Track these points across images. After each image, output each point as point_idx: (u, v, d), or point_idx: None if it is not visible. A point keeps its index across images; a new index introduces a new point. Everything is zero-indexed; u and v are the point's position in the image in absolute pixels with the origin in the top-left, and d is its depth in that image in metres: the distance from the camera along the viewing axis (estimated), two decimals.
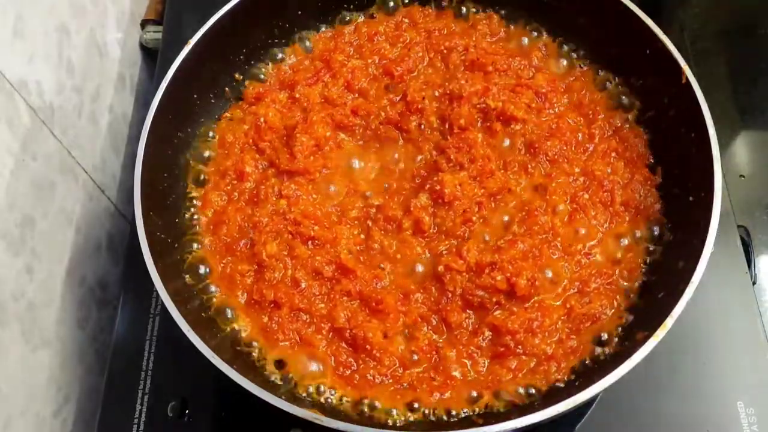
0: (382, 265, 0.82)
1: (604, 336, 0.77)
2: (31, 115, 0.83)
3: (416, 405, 0.75)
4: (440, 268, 0.80)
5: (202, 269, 0.84)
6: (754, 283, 0.89)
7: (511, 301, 0.78)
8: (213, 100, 0.95)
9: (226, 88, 0.96)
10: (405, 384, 0.76)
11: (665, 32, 0.83)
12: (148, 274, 0.74)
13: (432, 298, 0.80)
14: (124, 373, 0.87)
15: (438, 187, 0.83)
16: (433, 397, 0.75)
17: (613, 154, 0.87)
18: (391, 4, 1.01)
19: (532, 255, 0.80)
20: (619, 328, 0.78)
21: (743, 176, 1.00)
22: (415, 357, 0.77)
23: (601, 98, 0.92)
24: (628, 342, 0.75)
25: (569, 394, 0.66)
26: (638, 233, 0.83)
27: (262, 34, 0.97)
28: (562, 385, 0.75)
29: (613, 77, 0.92)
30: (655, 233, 0.83)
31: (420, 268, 0.82)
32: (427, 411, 0.75)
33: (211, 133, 0.93)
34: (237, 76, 0.97)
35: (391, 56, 0.95)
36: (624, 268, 0.81)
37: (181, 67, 0.86)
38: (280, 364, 0.78)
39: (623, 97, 0.91)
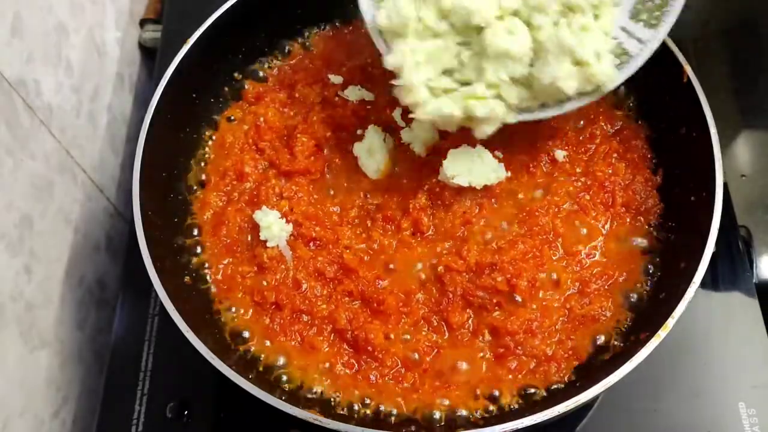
0: (391, 265, 0.82)
1: (605, 337, 0.77)
2: (30, 114, 0.83)
3: (417, 406, 0.75)
4: (440, 268, 0.80)
5: (201, 270, 0.84)
6: (755, 284, 0.89)
7: (511, 302, 0.78)
8: (212, 100, 0.94)
9: (226, 88, 0.96)
10: (406, 385, 0.76)
11: None
12: (147, 274, 0.73)
13: (433, 298, 0.80)
14: (122, 373, 0.87)
15: (437, 189, 0.83)
16: (434, 398, 0.75)
17: (615, 155, 0.87)
18: None
19: (533, 256, 0.80)
20: (620, 329, 0.77)
21: (744, 176, 1.00)
22: (417, 357, 0.77)
23: (603, 98, 0.91)
24: (629, 342, 0.74)
25: (570, 395, 0.66)
26: (639, 234, 0.83)
27: (261, 33, 0.97)
28: (562, 385, 0.75)
29: None
30: (656, 234, 0.83)
31: (421, 268, 0.82)
32: (427, 412, 0.74)
33: (210, 133, 0.93)
34: (236, 75, 0.96)
35: None
36: (625, 269, 0.81)
37: (179, 67, 0.86)
38: (280, 365, 0.78)
39: (624, 97, 0.91)
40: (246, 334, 0.80)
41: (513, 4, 0.75)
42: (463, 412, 0.74)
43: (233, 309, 0.81)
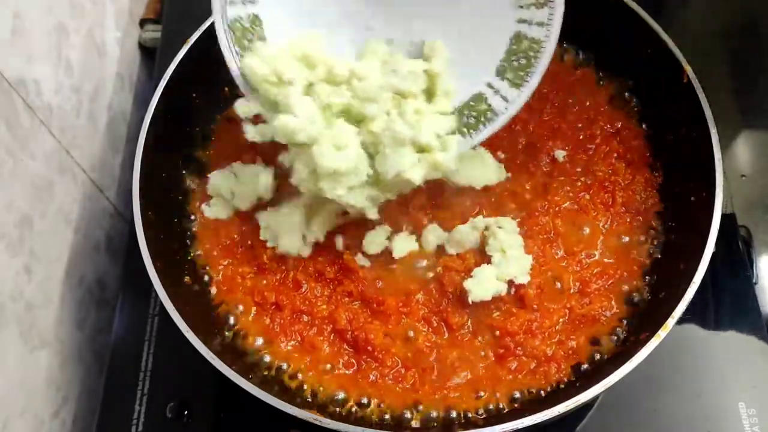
0: (391, 266, 0.82)
1: (605, 337, 0.77)
2: (30, 114, 0.83)
3: (417, 406, 0.75)
4: (438, 269, 0.80)
5: (201, 270, 0.84)
6: (755, 284, 0.89)
7: (512, 303, 0.78)
8: (212, 100, 0.94)
9: (225, 88, 0.95)
10: (406, 385, 0.76)
11: (666, 32, 0.83)
12: (147, 274, 0.73)
13: (433, 299, 0.79)
14: (122, 373, 0.87)
15: (437, 189, 0.83)
16: (433, 398, 0.75)
17: (615, 155, 0.87)
18: None
19: (533, 256, 0.80)
20: (620, 329, 0.78)
21: (744, 176, 1.00)
22: (417, 357, 0.77)
23: (603, 98, 0.91)
24: (629, 342, 0.74)
25: (570, 395, 0.66)
26: (639, 234, 0.83)
27: None
28: (562, 385, 0.75)
29: (615, 77, 0.92)
30: (656, 234, 0.83)
31: (420, 268, 0.81)
32: (427, 412, 0.74)
33: (210, 133, 0.93)
34: None
35: None
36: (625, 269, 0.81)
37: (179, 67, 0.86)
38: (280, 365, 0.78)
39: (624, 97, 0.91)
40: (246, 334, 0.80)
41: (341, 100, 0.72)
42: (463, 413, 0.74)
43: (233, 309, 0.81)
